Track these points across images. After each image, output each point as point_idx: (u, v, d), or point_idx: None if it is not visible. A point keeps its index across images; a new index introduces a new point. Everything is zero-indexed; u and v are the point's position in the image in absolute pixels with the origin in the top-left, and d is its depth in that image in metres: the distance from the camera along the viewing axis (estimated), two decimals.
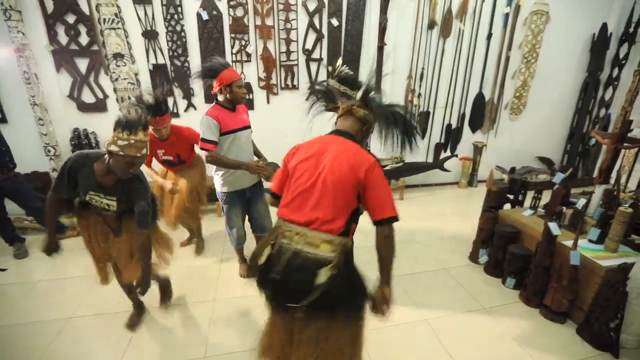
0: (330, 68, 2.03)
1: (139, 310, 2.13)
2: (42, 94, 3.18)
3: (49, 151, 3.32)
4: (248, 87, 3.61)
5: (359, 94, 1.33)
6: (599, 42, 4.16)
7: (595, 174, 2.91)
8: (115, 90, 3.37)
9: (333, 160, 1.21)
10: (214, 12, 3.31)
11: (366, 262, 1.38)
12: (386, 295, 1.27)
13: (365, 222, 1.32)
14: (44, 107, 3.21)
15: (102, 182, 1.57)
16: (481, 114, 4.28)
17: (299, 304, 1.15)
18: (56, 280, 2.54)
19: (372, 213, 1.23)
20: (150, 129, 2.11)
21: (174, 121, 2.49)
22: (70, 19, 3.11)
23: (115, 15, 3.14)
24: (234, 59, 3.49)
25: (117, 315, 2.14)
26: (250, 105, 3.65)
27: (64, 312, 2.18)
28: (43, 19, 3.06)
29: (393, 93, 3.85)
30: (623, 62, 4.26)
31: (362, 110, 1.33)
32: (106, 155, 1.51)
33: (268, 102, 3.72)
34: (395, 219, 1.22)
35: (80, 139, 3.38)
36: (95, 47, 3.21)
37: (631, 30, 4.12)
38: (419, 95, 4.01)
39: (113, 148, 1.44)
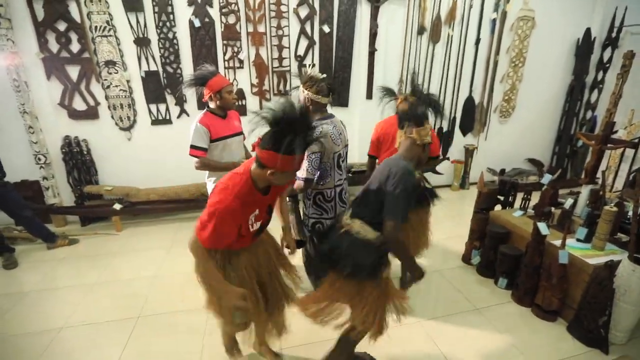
0: (303, 73, 2.04)
1: None
2: (32, 102, 3.16)
3: (39, 159, 3.28)
4: (240, 94, 3.63)
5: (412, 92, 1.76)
6: (584, 47, 4.28)
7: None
8: (107, 97, 3.36)
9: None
10: (206, 19, 3.33)
11: None
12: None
13: None
14: (34, 115, 3.19)
15: None
16: (471, 117, 4.35)
17: None
18: (47, 290, 2.50)
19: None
20: (260, 178, 1.26)
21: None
22: (61, 26, 3.10)
23: (107, 22, 3.15)
24: (226, 65, 3.51)
25: (109, 324, 2.12)
26: (242, 111, 3.67)
27: (55, 323, 2.15)
28: (33, 26, 3.04)
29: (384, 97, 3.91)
30: (607, 65, 4.39)
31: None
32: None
33: (261, 108, 3.73)
34: None
35: (72, 146, 3.35)
36: (86, 55, 3.21)
37: (614, 35, 4.25)
38: None
39: (429, 139, 1.50)
